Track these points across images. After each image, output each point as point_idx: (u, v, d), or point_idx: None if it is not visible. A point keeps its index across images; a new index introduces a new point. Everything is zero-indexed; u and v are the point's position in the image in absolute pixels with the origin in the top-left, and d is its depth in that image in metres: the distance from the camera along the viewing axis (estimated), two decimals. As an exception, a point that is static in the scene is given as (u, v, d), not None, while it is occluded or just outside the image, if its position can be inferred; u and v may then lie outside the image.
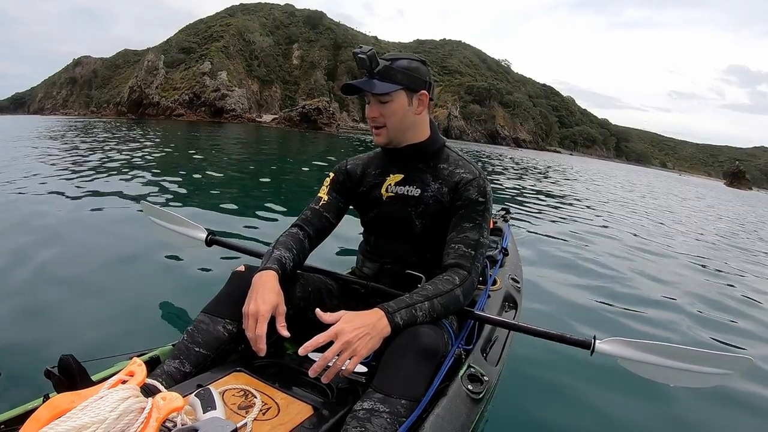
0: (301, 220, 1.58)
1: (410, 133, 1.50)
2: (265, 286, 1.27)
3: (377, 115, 1.44)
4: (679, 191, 24.67)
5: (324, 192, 1.62)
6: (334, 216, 1.61)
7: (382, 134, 1.48)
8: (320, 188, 1.64)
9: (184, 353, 1.25)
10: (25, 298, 2.40)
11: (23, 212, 4.23)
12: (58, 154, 9.47)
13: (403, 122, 1.46)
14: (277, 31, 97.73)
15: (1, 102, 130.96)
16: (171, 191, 6.01)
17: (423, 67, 1.47)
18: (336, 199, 1.61)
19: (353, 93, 1.45)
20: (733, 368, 1.38)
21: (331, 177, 1.64)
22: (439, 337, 1.27)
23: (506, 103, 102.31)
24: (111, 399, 0.81)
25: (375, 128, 1.48)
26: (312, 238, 1.57)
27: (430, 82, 1.48)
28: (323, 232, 1.60)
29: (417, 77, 1.43)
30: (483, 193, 1.47)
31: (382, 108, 1.43)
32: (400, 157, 1.55)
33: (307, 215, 1.59)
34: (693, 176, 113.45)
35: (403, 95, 1.43)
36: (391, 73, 1.40)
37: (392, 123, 1.45)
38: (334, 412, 1.16)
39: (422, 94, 1.46)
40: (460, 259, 1.39)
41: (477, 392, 1.35)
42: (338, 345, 1.13)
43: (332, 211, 1.60)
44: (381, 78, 1.39)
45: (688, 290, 4.07)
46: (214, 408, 1.00)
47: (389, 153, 1.57)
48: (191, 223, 2.21)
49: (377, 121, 1.45)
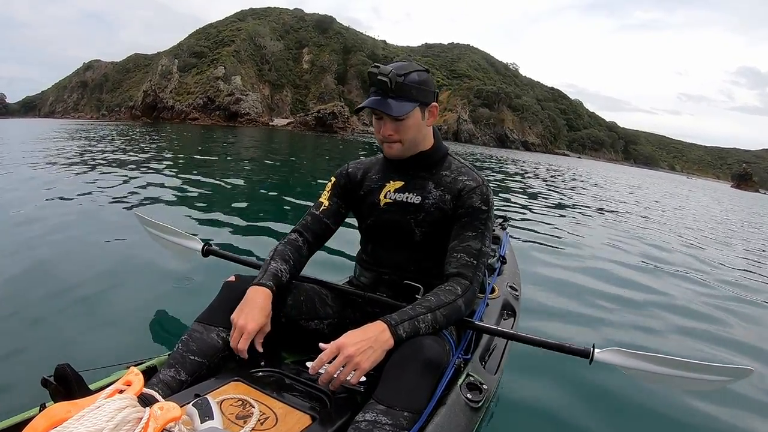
0: (301, 225, 1.59)
1: (420, 145, 1.51)
2: (256, 303, 1.30)
3: (392, 133, 1.44)
4: (679, 193, 24.41)
5: (325, 197, 1.62)
6: (334, 221, 1.62)
7: (396, 148, 1.47)
8: (322, 193, 1.64)
9: (180, 362, 1.26)
10: (21, 306, 2.39)
11: (20, 218, 4.25)
12: (67, 157, 9.57)
13: (417, 136, 1.47)
14: (288, 35, 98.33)
15: (11, 106, 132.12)
16: (192, 197, 6.07)
17: (430, 77, 1.48)
18: (337, 204, 1.62)
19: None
20: (733, 377, 1.38)
21: (332, 181, 1.65)
22: (442, 349, 1.26)
23: (515, 106, 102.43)
24: (108, 409, 0.81)
25: (388, 143, 1.47)
26: (311, 244, 1.58)
27: (436, 92, 1.49)
28: (322, 237, 1.61)
29: (428, 90, 1.44)
30: (486, 201, 1.46)
31: (397, 125, 1.43)
32: (403, 165, 1.55)
33: (307, 221, 1.59)
34: (701, 179, 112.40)
35: (418, 110, 1.43)
36: (405, 90, 1.39)
37: (407, 138, 1.45)
38: (333, 421, 1.15)
39: (433, 106, 1.48)
40: (462, 269, 1.39)
41: (476, 401, 1.34)
42: (341, 359, 1.15)
43: (332, 217, 1.61)
44: (396, 96, 1.39)
45: (693, 300, 4.00)
46: (212, 418, 0.99)
47: (392, 161, 1.57)
48: (186, 234, 2.22)
49: (391, 138, 1.45)
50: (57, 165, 8.37)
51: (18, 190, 5.83)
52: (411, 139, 1.46)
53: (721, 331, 3.28)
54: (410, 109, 1.40)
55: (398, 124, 1.43)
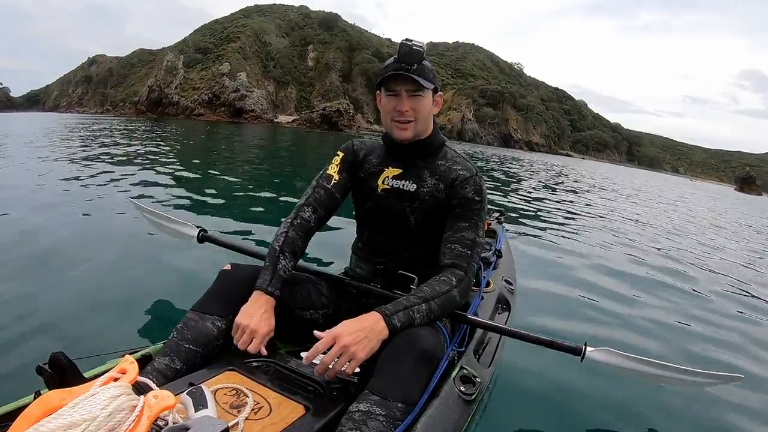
0: (315, 200, 1.55)
1: (424, 131, 1.54)
2: (266, 308, 1.33)
3: (408, 109, 1.46)
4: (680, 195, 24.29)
5: (334, 170, 1.60)
6: (342, 196, 1.61)
7: (410, 128, 1.49)
8: (329, 166, 1.63)
9: (174, 350, 1.27)
10: (16, 293, 2.40)
11: (17, 208, 4.27)
12: (73, 150, 9.61)
13: (427, 118, 1.52)
14: (293, 32, 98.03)
15: (16, 99, 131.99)
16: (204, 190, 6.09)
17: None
18: (345, 179, 1.61)
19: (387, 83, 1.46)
20: (724, 382, 1.41)
21: (340, 156, 1.64)
22: (437, 341, 1.28)
23: (519, 106, 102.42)
24: (102, 396, 0.82)
25: (402, 122, 1.48)
26: (322, 220, 1.57)
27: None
28: (332, 211, 1.61)
29: (436, 78, 1.49)
30: (479, 191, 1.49)
31: (413, 102, 1.46)
32: (402, 152, 1.57)
33: (320, 195, 1.56)
34: (705, 182, 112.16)
35: (430, 93, 1.49)
36: (425, 71, 1.44)
37: (421, 117, 1.48)
38: (327, 412, 1.16)
39: (438, 95, 1.55)
40: (457, 260, 1.41)
41: (469, 393, 1.35)
42: (336, 349, 1.17)
43: (341, 191, 1.60)
44: (417, 74, 1.42)
45: (689, 302, 3.95)
46: (206, 407, 1.00)
47: (391, 147, 1.59)
48: (182, 222, 2.24)
49: (407, 115, 1.47)
50: (56, 155, 8.43)
51: (15, 177, 5.88)
52: (423, 119, 1.49)
53: (722, 335, 3.24)
54: (430, 86, 1.45)
55: (416, 101, 1.46)
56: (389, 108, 1.48)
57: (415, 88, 1.44)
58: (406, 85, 1.43)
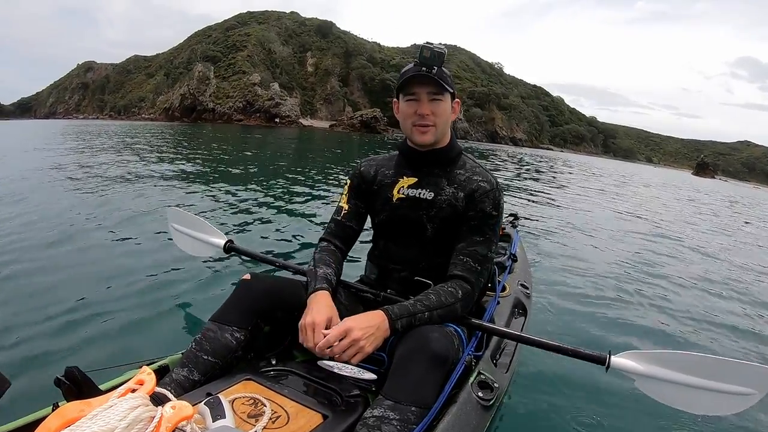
0: (327, 234, 1.63)
1: (442, 138, 1.53)
2: (320, 302, 1.35)
3: (429, 113, 1.45)
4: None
5: (344, 201, 1.65)
6: (357, 223, 1.65)
7: (431, 132, 1.47)
8: (341, 197, 1.66)
9: (193, 361, 1.26)
10: (35, 307, 2.42)
11: (33, 216, 4.31)
12: (87, 158, 9.67)
13: (446, 123, 1.50)
14: (291, 39, 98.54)
15: (6, 107, 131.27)
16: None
17: None
18: (356, 205, 1.64)
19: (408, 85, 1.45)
20: (760, 383, 1.29)
21: (348, 185, 1.66)
22: (450, 344, 1.27)
23: (503, 106, 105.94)
24: (120, 408, 0.82)
25: (422, 126, 1.46)
26: (342, 249, 1.62)
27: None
28: (350, 240, 1.65)
29: (453, 85, 1.48)
30: (497, 206, 1.48)
31: (433, 106, 1.45)
32: (419, 160, 1.55)
33: (332, 228, 1.63)
34: (669, 168, 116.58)
35: (449, 98, 1.48)
36: (444, 75, 1.43)
37: (440, 122, 1.47)
38: (344, 420, 1.15)
39: (456, 101, 1.54)
40: (467, 273, 1.43)
41: (487, 399, 1.34)
42: (347, 341, 1.22)
43: (354, 219, 1.64)
44: (438, 77, 1.41)
45: (718, 303, 3.91)
46: (224, 416, 1.00)
47: (407, 156, 1.58)
48: (213, 228, 2.27)
49: (427, 119, 1.45)
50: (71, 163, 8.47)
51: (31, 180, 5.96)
52: (443, 124, 1.48)
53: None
54: (450, 90, 1.45)
55: (436, 105, 1.45)
56: (409, 112, 1.47)
57: (435, 91, 1.43)
58: (427, 88, 1.42)
